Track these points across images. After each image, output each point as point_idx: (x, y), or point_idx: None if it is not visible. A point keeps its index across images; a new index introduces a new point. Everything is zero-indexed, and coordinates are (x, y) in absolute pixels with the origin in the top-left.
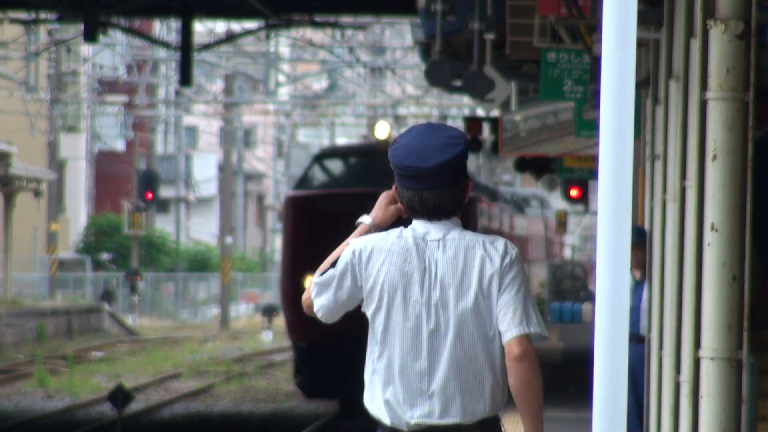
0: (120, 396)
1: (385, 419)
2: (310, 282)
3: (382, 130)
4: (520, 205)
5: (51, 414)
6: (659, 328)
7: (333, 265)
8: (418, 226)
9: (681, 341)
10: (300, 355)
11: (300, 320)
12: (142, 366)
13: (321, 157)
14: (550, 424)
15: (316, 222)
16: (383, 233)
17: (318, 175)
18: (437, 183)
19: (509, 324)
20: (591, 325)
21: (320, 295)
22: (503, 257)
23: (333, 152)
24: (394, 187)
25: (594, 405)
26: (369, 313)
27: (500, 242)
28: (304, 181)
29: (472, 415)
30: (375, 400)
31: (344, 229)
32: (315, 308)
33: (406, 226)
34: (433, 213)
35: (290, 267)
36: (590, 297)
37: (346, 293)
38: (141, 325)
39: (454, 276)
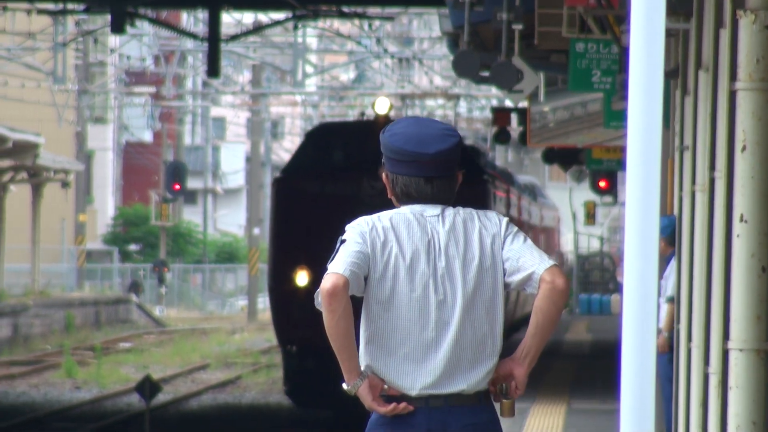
0: (147, 387)
1: (389, 384)
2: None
3: (382, 106)
4: (533, 192)
5: (79, 404)
6: (687, 319)
7: (341, 243)
8: (412, 206)
9: (709, 333)
10: (289, 360)
11: (289, 321)
12: (169, 357)
13: (314, 134)
14: (580, 416)
15: (308, 207)
16: (378, 213)
17: (311, 155)
18: (434, 170)
19: (536, 261)
20: (619, 316)
21: (338, 261)
22: (499, 222)
23: (327, 129)
24: (384, 174)
25: (622, 397)
26: (371, 284)
27: (491, 213)
28: (295, 162)
29: (476, 384)
30: (377, 369)
31: (339, 214)
32: (338, 269)
33: None
34: (429, 200)
35: (278, 260)
36: (618, 288)
37: (363, 256)
38: (168, 316)
39: (458, 247)
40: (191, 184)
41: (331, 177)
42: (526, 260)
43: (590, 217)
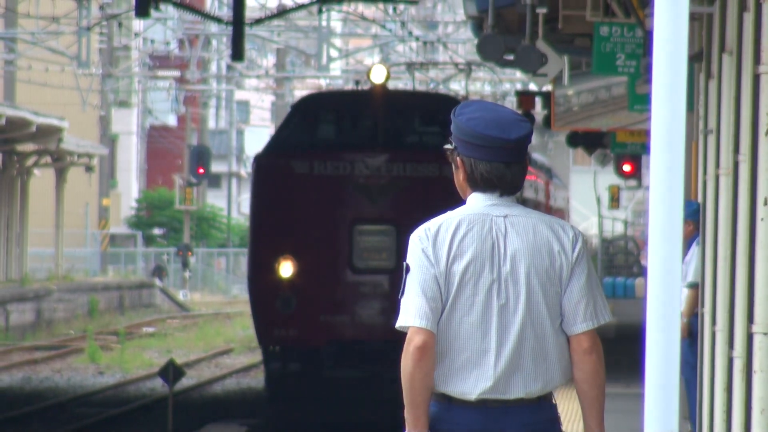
0: (171, 371)
1: (447, 391)
2: (405, 325)
3: (379, 74)
4: (549, 172)
5: (102, 389)
6: (712, 303)
7: (407, 271)
8: (481, 201)
9: (734, 316)
10: (270, 361)
11: (271, 317)
12: (193, 341)
13: (301, 106)
14: None
15: (294, 188)
16: (448, 213)
17: (297, 130)
18: (513, 156)
19: (580, 317)
20: (644, 300)
21: (413, 306)
22: (574, 243)
23: (317, 100)
24: (458, 159)
25: (646, 380)
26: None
27: (567, 226)
28: (279, 138)
29: (534, 390)
30: (436, 373)
31: (329, 196)
32: (414, 322)
33: None
34: (507, 187)
35: (259, 247)
36: (643, 272)
37: (433, 282)
38: (192, 300)
39: (525, 253)
40: (215, 167)
41: (321, 155)
42: (576, 310)
43: (614, 201)
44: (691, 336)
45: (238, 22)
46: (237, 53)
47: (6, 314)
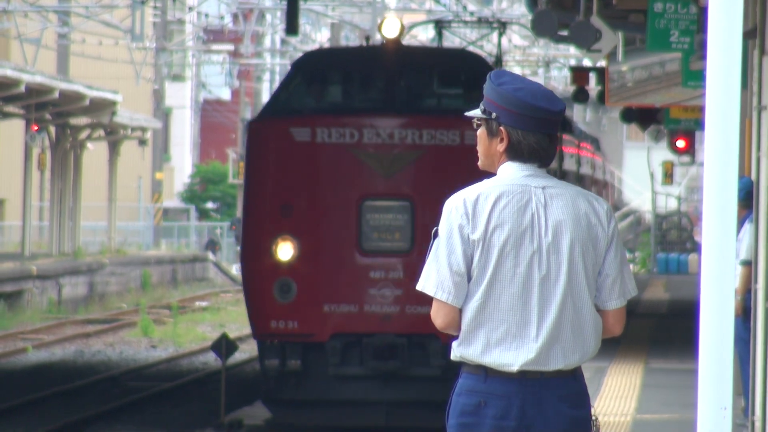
0: (224, 346)
1: (486, 363)
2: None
3: (392, 28)
4: (597, 144)
5: (155, 363)
6: (765, 278)
7: (435, 236)
8: (518, 171)
9: None
10: (267, 357)
11: (268, 306)
12: (245, 316)
13: (303, 64)
14: (657, 375)
15: (293, 161)
16: (484, 182)
17: (299, 92)
18: (555, 128)
19: (615, 293)
20: (697, 276)
21: (440, 279)
22: (609, 218)
23: (322, 58)
24: (503, 130)
25: (700, 356)
26: (474, 262)
27: (601, 199)
28: (277, 100)
29: (572, 361)
30: (473, 345)
31: (333, 168)
32: (436, 293)
33: None
34: (548, 159)
35: (254, 226)
36: (696, 248)
37: (461, 255)
38: None
39: (568, 224)
40: None
41: (325, 120)
42: (612, 287)
43: (668, 177)
44: (745, 313)
45: None
46: (291, 27)
47: (59, 288)
